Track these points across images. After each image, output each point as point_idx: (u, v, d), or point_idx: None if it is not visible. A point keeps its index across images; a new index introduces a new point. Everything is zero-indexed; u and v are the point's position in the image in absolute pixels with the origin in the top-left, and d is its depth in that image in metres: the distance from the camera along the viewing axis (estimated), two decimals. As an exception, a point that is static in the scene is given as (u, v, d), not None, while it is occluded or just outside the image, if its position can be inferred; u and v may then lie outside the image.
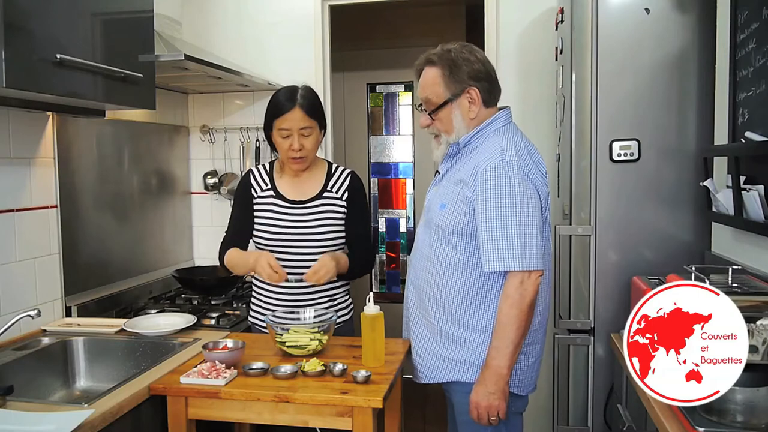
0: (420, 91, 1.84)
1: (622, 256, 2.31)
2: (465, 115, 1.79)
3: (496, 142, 1.74)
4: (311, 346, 1.87)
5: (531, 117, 2.99)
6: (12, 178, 2.13)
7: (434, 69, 1.79)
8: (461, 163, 1.81)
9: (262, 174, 2.24)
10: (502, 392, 1.70)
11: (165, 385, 1.71)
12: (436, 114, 1.81)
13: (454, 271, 1.78)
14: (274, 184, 2.21)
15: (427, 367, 1.87)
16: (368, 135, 4.79)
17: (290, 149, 2.09)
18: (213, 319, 2.36)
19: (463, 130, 1.80)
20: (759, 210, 1.75)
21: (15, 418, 1.47)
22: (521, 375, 1.82)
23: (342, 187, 2.20)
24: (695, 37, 2.24)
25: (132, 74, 2.07)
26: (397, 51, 4.53)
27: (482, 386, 1.71)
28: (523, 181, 1.69)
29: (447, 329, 1.81)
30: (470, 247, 1.75)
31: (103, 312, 2.48)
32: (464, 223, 1.74)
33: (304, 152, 2.10)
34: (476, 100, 1.78)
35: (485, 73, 1.79)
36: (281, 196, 2.18)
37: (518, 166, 1.69)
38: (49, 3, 1.73)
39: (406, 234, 4.86)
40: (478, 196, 1.70)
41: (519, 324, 1.68)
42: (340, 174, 2.23)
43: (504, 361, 1.68)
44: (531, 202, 1.69)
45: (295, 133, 2.07)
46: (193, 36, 3.18)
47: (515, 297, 1.67)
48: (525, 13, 2.98)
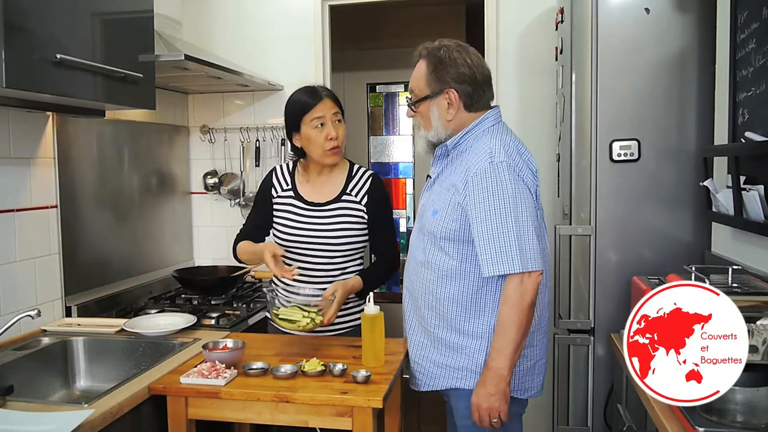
0: (410, 82, 1.86)
1: (622, 256, 2.31)
2: (442, 115, 1.78)
3: (485, 143, 1.72)
4: (302, 323, 1.88)
5: (531, 117, 2.99)
6: (12, 178, 2.13)
7: (423, 62, 1.80)
8: (452, 167, 1.80)
9: (284, 173, 2.23)
10: (503, 394, 1.68)
11: (165, 385, 1.71)
12: (416, 107, 1.83)
13: (448, 277, 1.76)
14: (294, 185, 2.19)
15: (425, 375, 1.85)
16: (368, 135, 4.80)
17: (327, 139, 2.08)
18: (213, 319, 2.36)
19: (441, 130, 1.80)
20: (759, 210, 1.75)
21: (15, 418, 1.47)
22: (519, 378, 1.80)
23: (362, 190, 2.16)
24: (695, 37, 2.24)
25: (132, 74, 2.07)
26: (397, 51, 4.53)
27: (483, 388, 1.70)
28: (515, 181, 1.67)
29: (443, 336, 1.80)
30: (463, 254, 1.74)
31: (103, 312, 2.48)
32: (456, 229, 1.73)
33: (338, 141, 2.10)
34: (454, 103, 1.77)
35: (470, 77, 1.76)
36: (300, 197, 2.17)
37: (508, 166, 1.67)
38: (49, 3, 1.73)
39: (406, 234, 4.87)
40: (470, 201, 1.68)
41: (519, 324, 1.66)
42: (361, 176, 2.19)
43: (504, 362, 1.66)
44: (525, 202, 1.68)
45: (329, 122, 2.08)
46: (193, 36, 3.18)
47: (515, 297, 1.65)
48: (525, 13, 2.98)
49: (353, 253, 2.15)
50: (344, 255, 2.13)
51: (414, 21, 4.50)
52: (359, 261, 2.19)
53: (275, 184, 2.22)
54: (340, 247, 2.11)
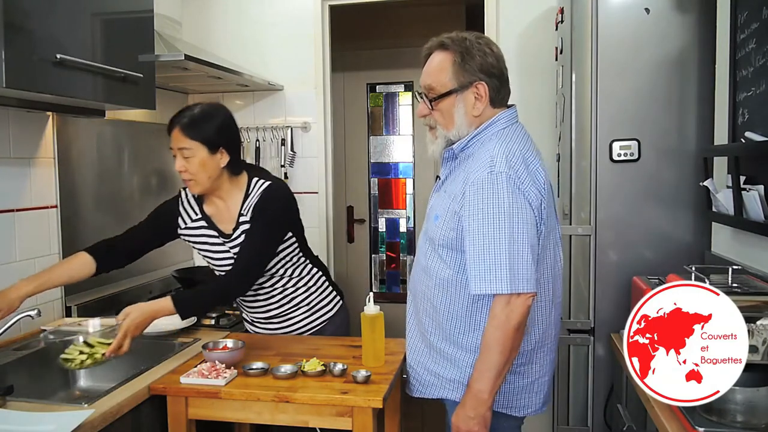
0: (424, 77, 1.67)
1: (622, 256, 2.31)
2: (468, 110, 1.63)
3: (489, 149, 1.59)
4: (77, 360, 1.76)
5: (531, 117, 2.98)
6: (12, 178, 2.13)
7: (445, 54, 1.63)
8: (457, 172, 1.67)
9: (190, 200, 2.09)
10: (482, 418, 1.55)
11: (165, 385, 1.71)
12: (437, 103, 1.64)
13: (444, 286, 1.66)
14: (203, 211, 2.06)
15: (419, 381, 1.78)
16: (368, 135, 4.79)
17: (178, 171, 1.95)
18: (213, 319, 2.36)
19: (464, 128, 1.64)
20: (759, 210, 1.75)
21: (15, 418, 1.47)
22: (514, 396, 1.70)
23: (251, 208, 1.98)
24: (695, 37, 2.24)
25: (132, 74, 2.07)
26: (397, 51, 4.54)
27: (462, 410, 1.58)
28: (514, 194, 1.52)
29: (439, 345, 1.70)
30: (460, 264, 1.62)
31: (103, 312, 2.47)
32: (453, 238, 1.61)
33: (188, 175, 1.93)
34: (483, 97, 1.62)
35: (498, 69, 1.64)
36: (212, 225, 2.05)
37: (508, 177, 1.52)
38: (49, 3, 1.73)
39: (406, 234, 4.86)
40: (465, 211, 1.56)
41: (503, 348, 1.52)
42: (255, 192, 1.99)
43: (485, 385, 1.53)
44: (522, 218, 1.53)
45: (177, 154, 1.93)
46: (193, 36, 3.18)
47: (500, 318, 1.52)
48: (525, 13, 2.98)
49: (278, 269, 2.07)
50: (270, 275, 2.08)
51: (414, 21, 4.49)
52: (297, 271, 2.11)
53: (183, 214, 2.09)
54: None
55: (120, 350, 1.76)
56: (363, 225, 4.87)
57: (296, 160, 3.23)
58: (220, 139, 1.93)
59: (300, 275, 2.13)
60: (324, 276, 2.21)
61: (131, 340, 1.77)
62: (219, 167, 1.95)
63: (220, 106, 2.05)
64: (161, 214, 2.13)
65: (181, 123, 1.92)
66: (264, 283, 2.10)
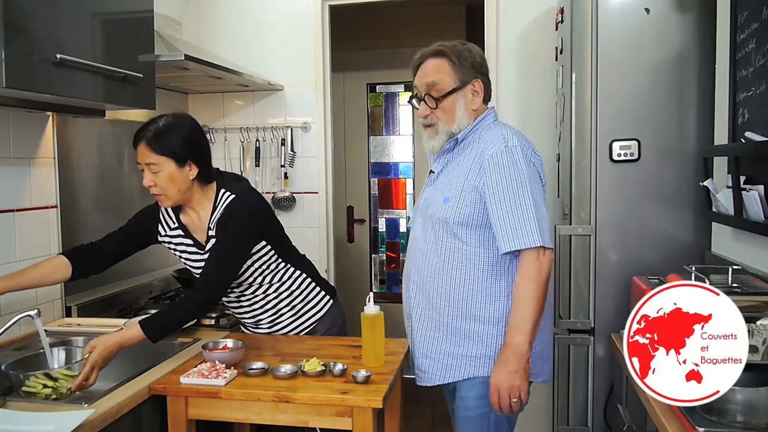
0: (424, 77, 1.81)
1: (622, 256, 2.31)
2: (468, 105, 1.82)
3: (496, 132, 1.78)
4: (43, 393, 1.68)
5: (531, 117, 2.99)
6: (12, 178, 2.13)
7: (440, 59, 1.81)
8: (460, 157, 1.82)
9: (168, 209, 2.06)
10: (524, 371, 1.66)
11: (165, 385, 1.71)
12: (441, 101, 1.81)
13: (461, 264, 1.77)
14: (180, 220, 2.04)
15: (439, 368, 1.83)
16: (368, 135, 4.79)
17: (145, 186, 1.92)
18: (213, 319, 2.36)
19: (464, 121, 1.82)
20: (759, 210, 1.75)
21: (15, 418, 1.47)
22: (531, 362, 1.73)
23: (215, 222, 1.96)
24: (695, 37, 2.24)
25: (132, 74, 2.07)
26: (397, 51, 4.53)
27: (503, 366, 1.67)
28: (528, 165, 1.73)
29: (458, 325, 1.79)
30: (477, 239, 1.76)
31: (103, 312, 2.48)
32: (470, 213, 1.74)
33: (157, 189, 1.90)
34: (479, 93, 1.82)
35: (486, 68, 1.86)
36: (189, 234, 2.03)
37: (522, 150, 1.73)
38: (49, 3, 1.73)
39: (406, 234, 4.86)
40: (488, 182, 1.72)
41: (538, 299, 1.67)
42: (222, 204, 1.96)
43: (523, 338, 1.66)
44: (538, 185, 1.75)
45: (144, 168, 1.91)
46: (193, 36, 3.18)
47: (532, 272, 1.67)
48: (525, 13, 2.98)
49: (256, 278, 2.06)
50: (249, 284, 2.07)
51: (414, 21, 4.50)
52: (277, 277, 2.09)
53: (162, 221, 2.08)
54: (236, 280, 2.04)
55: (87, 383, 1.69)
56: (363, 225, 4.87)
57: (296, 160, 3.24)
58: (186, 152, 1.90)
59: (281, 280, 2.10)
60: (309, 277, 2.17)
61: (98, 372, 1.73)
62: (188, 180, 1.92)
63: (185, 116, 2.02)
64: (142, 218, 2.11)
65: (147, 137, 1.87)
66: (245, 291, 2.10)
